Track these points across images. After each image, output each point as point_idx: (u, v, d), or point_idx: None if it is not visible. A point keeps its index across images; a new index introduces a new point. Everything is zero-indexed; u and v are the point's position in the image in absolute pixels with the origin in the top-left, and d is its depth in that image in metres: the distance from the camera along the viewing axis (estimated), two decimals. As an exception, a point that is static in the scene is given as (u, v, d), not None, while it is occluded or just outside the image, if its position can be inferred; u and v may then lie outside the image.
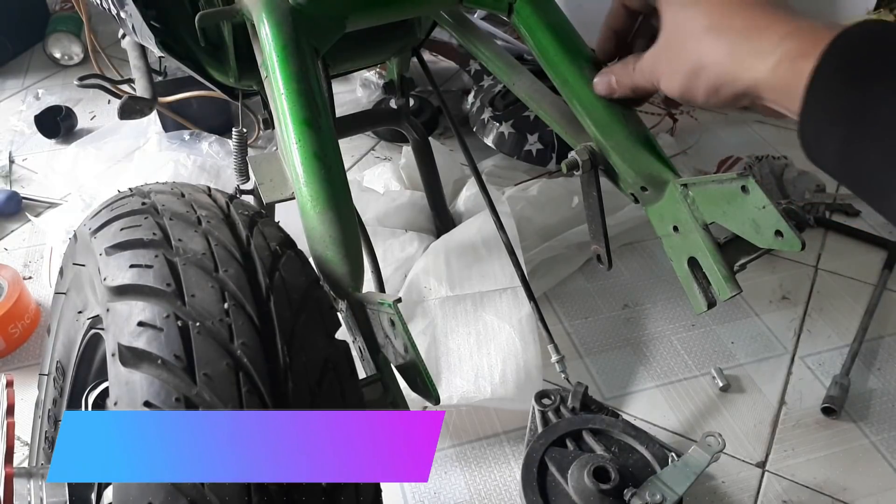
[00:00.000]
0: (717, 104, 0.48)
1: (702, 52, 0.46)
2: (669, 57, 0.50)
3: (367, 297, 0.53)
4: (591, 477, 0.79)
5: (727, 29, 0.45)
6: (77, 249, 0.60)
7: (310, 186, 0.58)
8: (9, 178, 1.59)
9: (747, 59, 0.43)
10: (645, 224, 1.31)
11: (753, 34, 0.43)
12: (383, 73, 1.75)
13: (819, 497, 0.98)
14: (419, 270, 1.13)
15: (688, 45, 0.48)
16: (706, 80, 0.46)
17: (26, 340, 1.20)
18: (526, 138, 1.45)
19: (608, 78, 0.60)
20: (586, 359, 1.17)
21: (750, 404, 1.10)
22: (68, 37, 2.00)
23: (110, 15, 0.92)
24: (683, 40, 0.48)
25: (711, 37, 0.46)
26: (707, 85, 0.47)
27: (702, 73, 0.47)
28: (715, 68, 0.45)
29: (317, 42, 0.68)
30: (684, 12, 0.48)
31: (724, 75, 0.45)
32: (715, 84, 0.46)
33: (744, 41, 0.44)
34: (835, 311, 1.26)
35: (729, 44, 0.45)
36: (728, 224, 0.55)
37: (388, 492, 0.48)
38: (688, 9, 0.48)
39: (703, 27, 0.46)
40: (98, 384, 0.65)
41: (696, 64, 0.47)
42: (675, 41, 0.49)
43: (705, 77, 0.46)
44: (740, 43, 0.44)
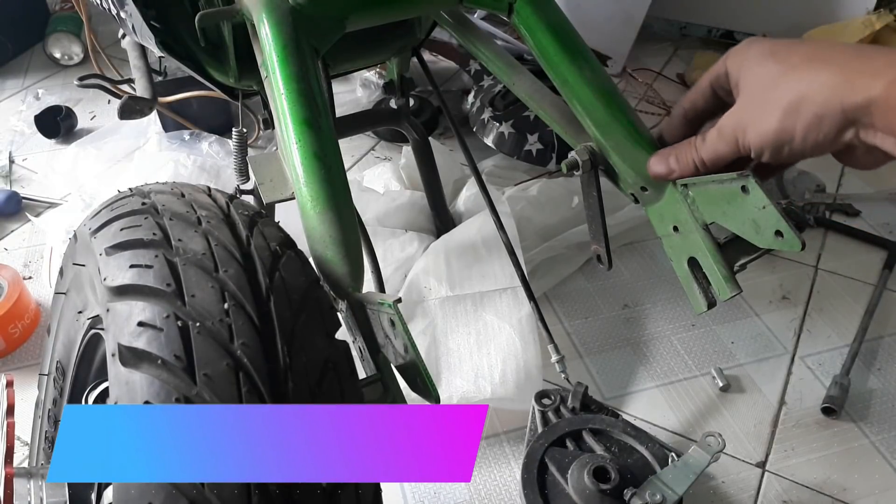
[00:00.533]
0: (817, 141, 0.44)
1: (802, 83, 0.43)
2: (758, 104, 0.47)
3: (367, 297, 0.53)
4: (591, 477, 0.79)
5: (828, 60, 0.43)
6: (77, 249, 0.60)
7: (310, 186, 0.58)
8: (9, 178, 1.59)
9: (858, 79, 0.41)
10: (645, 224, 1.31)
11: (860, 58, 0.42)
12: (383, 73, 1.75)
13: (819, 497, 0.98)
14: (419, 270, 1.13)
15: (781, 85, 0.45)
16: (807, 111, 0.43)
17: (26, 340, 1.20)
18: (526, 138, 1.45)
19: (667, 158, 0.56)
20: (586, 359, 1.17)
21: (750, 404, 1.10)
22: (68, 37, 2.00)
23: (110, 15, 0.92)
24: (775, 82, 0.45)
25: (812, 67, 0.43)
26: (808, 117, 0.43)
27: (802, 106, 0.43)
28: (818, 97, 0.43)
29: (317, 42, 0.68)
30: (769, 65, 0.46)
31: (829, 101, 0.42)
32: (818, 114, 0.43)
33: (852, 63, 0.42)
34: (835, 311, 1.26)
35: (835, 69, 0.42)
36: (728, 224, 0.55)
37: (388, 492, 0.48)
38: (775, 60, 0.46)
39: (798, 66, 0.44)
40: (98, 384, 0.65)
41: (795, 97, 0.44)
42: (764, 87, 0.46)
43: (806, 109, 0.43)
44: (848, 65, 0.42)
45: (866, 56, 0.42)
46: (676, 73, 1.99)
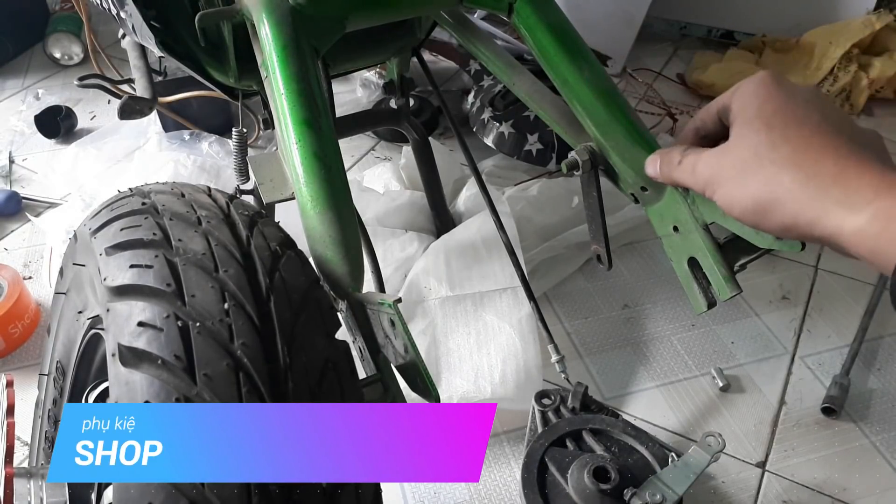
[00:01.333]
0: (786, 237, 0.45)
1: (780, 187, 0.42)
2: (736, 176, 0.45)
3: (367, 297, 0.53)
4: (591, 477, 0.79)
5: (813, 171, 0.41)
6: (77, 249, 0.60)
7: (310, 186, 0.58)
8: (9, 178, 1.59)
9: (834, 208, 0.39)
10: (645, 224, 1.31)
11: (842, 182, 0.40)
12: (383, 73, 1.75)
13: (819, 497, 0.98)
14: (419, 270, 1.13)
15: (761, 175, 0.43)
16: (780, 216, 0.43)
17: (26, 340, 1.20)
18: (526, 138, 1.45)
19: (655, 163, 0.55)
20: (586, 359, 1.17)
21: (750, 404, 1.10)
22: (68, 37, 2.00)
23: (110, 15, 0.92)
24: (758, 167, 0.44)
25: (793, 174, 0.42)
26: (780, 222, 0.43)
27: (776, 209, 0.43)
28: (792, 207, 0.42)
29: (317, 42, 0.68)
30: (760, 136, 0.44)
31: (802, 216, 0.41)
32: (789, 224, 0.42)
33: (832, 189, 0.40)
34: (835, 311, 1.26)
35: (815, 188, 0.41)
36: (728, 224, 0.55)
37: (388, 492, 0.48)
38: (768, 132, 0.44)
39: (784, 160, 0.42)
40: (98, 384, 0.65)
41: (770, 197, 0.43)
42: (747, 161, 0.45)
43: (780, 214, 0.42)
44: (828, 190, 0.40)
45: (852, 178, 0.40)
46: (676, 73, 1.99)
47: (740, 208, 0.45)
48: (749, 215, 0.45)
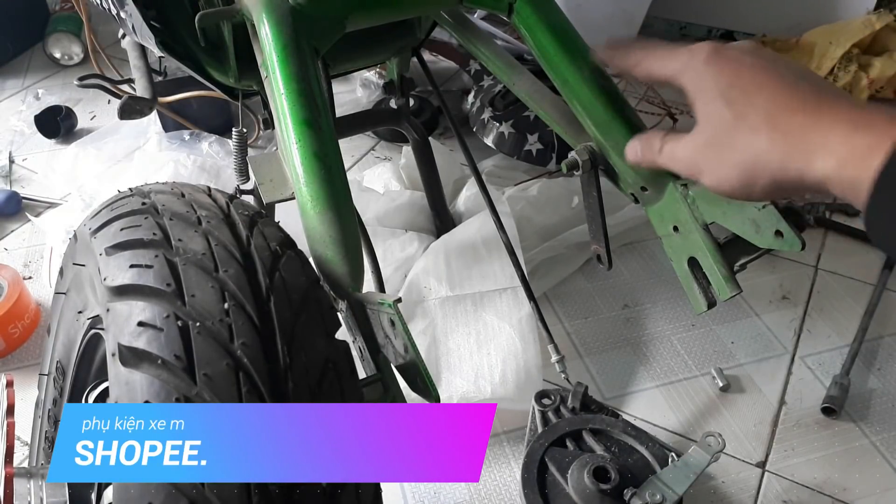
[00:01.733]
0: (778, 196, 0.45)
1: (760, 150, 0.43)
2: (714, 154, 0.46)
3: (367, 297, 0.53)
4: (591, 477, 0.79)
5: (787, 128, 0.42)
6: (77, 249, 0.60)
7: (310, 186, 0.58)
8: (9, 178, 1.59)
9: (817, 154, 0.40)
10: (645, 224, 1.31)
11: (818, 129, 0.41)
12: (383, 73, 1.75)
13: (819, 497, 0.98)
14: (419, 270, 1.13)
15: (738, 146, 0.44)
16: (768, 178, 0.43)
17: (26, 340, 1.20)
18: (526, 138, 1.46)
19: (635, 147, 0.55)
20: (586, 359, 1.17)
21: (750, 404, 1.10)
22: (68, 37, 2.00)
23: (110, 15, 0.92)
24: (733, 140, 0.45)
25: (769, 133, 0.43)
26: (767, 183, 0.44)
27: (761, 172, 0.43)
28: (777, 166, 0.42)
29: (317, 42, 0.68)
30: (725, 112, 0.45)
31: (788, 171, 0.42)
32: (779, 181, 0.43)
33: (810, 136, 0.41)
34: (835, 311, 1.26)
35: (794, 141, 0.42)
36: (728, 224, 0.55)
37: (387, 492, 0.48)
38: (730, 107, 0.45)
39: (756, 126, 0.43)
40: (98, 384, 0.65)
41: (753, 162, 0.44)
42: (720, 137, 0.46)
43: (767, 175, 0.43)
44: (806, 138, 0.41)
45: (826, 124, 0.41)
46: (676, 73, 1.99)
47: (728, 184, 0.46)
48: (738, 188, 0.46)
